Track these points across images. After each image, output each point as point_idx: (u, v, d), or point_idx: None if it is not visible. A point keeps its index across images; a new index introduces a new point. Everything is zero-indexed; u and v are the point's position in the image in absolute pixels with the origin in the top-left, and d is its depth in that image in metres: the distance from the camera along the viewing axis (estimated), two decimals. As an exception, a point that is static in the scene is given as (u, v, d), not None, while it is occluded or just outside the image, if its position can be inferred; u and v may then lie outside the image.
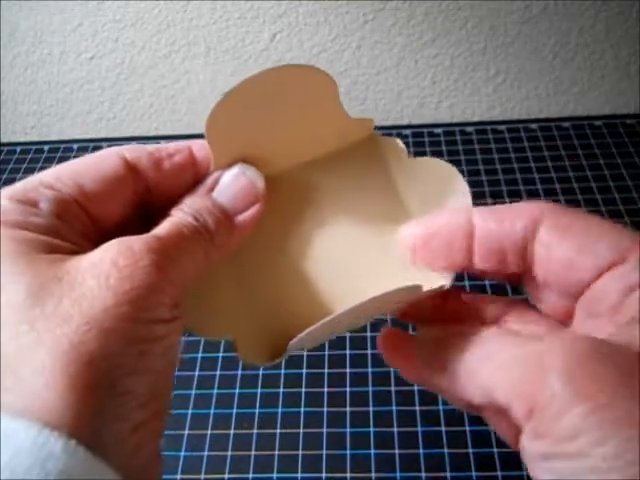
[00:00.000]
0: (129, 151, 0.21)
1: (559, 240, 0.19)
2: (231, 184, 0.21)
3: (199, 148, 0.22)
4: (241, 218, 0.21)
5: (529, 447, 0.17)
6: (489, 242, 0.20)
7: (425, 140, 0.64)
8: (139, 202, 0.21)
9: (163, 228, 0.19)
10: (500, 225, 0.20)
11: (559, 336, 0.19)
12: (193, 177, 0.22)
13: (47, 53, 0.67)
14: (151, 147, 0.22)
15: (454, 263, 0.21)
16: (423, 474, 0.40)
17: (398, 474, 0.40)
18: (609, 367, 0.16)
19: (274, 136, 0.23)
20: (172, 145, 0.22)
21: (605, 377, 0.15)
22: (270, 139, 0.23)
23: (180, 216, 0.20)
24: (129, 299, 0.16)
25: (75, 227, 0.19)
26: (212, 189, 0.21)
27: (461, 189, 0.23)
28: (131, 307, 0.16)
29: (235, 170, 0.22)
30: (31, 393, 0.15)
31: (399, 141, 0.25)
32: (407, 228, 0.22)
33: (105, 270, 0.16)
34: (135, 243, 0.17)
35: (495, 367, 0.18)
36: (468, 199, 0.23)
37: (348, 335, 0.48)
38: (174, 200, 0.21)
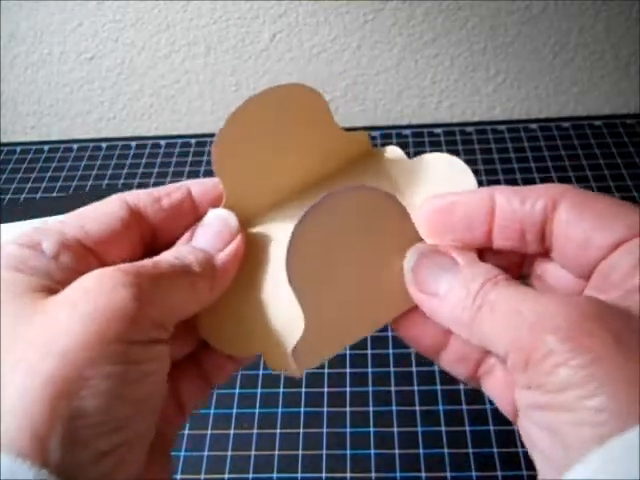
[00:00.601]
0: (130, 195, 0.22)
1: (576, 219, 0.20)
2: (205, 231, 0.22)
3: (197, 186, 0.23)
4: (222, 255, 0.22)
5: (522, 397, 0.18)
6: (510, 221, 0.21)
7: (425, 140, 0.64)
8: (145, 244, 0.22)
9: (142, 262, 0.20)
10: (522, 205, 0.20)
11: (560, 294, 0.19)
12: (194, 216, 0.23)
13: (47, 53, 0.67)
14: (150, 189, 0.23)
15: (473, 238, 0.21)
16: (423, 474, 0.40)
17: (398, 474, 0.40)
18: (606, 326, 0.16)
19: (277, 159, 0.24)
20: (171, 185, 0.23)
21: (601, 335, 0.16)
22: (273, 162, 0.24)
23: (162, 255, 0.21)
24: (94, 319, 0.16)
25: (77, 267, 0.19)
26: (190, 240, 0.22)
27: (466, 180, 0.24)
28: (96, 326, 0.16)
29: (207, 218, 0.23)
30: None
31: (395, 148, 0.26)
32: (428, 201, 0.22)
33: (76, 297, 0.17)
34: (108, 269, 0.18)
35: (497, 318, 0.18)
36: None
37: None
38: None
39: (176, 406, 0.23)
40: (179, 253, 0.21)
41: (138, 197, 0.22)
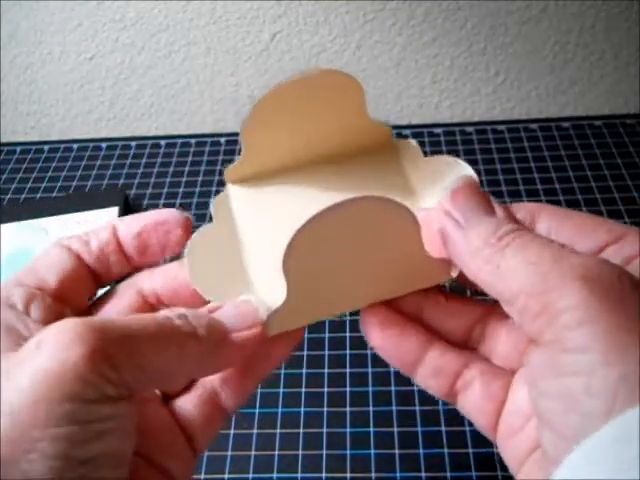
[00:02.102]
0: (65, 241, 0.22)
1: (559, 225, 0.20)
2: (232, 307, 0.21)
3: (121, 225, 0.23)
4: (238, 335, 0.20)
5: (534, 358, 0.17)
6: None
7: (425, 140, 0.64)
8: (96, 284, 0.23)
9: (126, 317, 0.19)
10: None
11: (596, 255, 0.19)
12: (119, 255, 0.23)
13: (47, 53, 0.67)
14: (79, 233, 0.23)
15: (446, 253, 0.22)
16: (423, 474, 0.40)
17: (398, 474, 0.40)
18: (636, 293, 0.15)
19: (300, 131, 0.24)
20: (98, 226, 0.23)
21: (632, 301, 0.15)
22: (296, 134, 0.24)
23: (161, 313, 0.20)
24: (43, 378, 0.16)
25: (48, 317, 0.19)
26: (211, 312, 0.21)
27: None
28: (46, 386, 0.15)
29: (239, 298, 0.22)
30: None
31: (413, 142, 0.26)
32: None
33: (27, 353, 0.16)
34: (71, 321, 0.17)
35: (522, 257, 0.18)
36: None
37: (348, 335, 0.48)
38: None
39: (184, 440, 0.22)
40: (192, 312, 0.20)
41: (71, 242, 0.22)
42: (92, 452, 0.16)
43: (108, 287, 0.24)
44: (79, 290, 0.22)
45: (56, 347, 0.16)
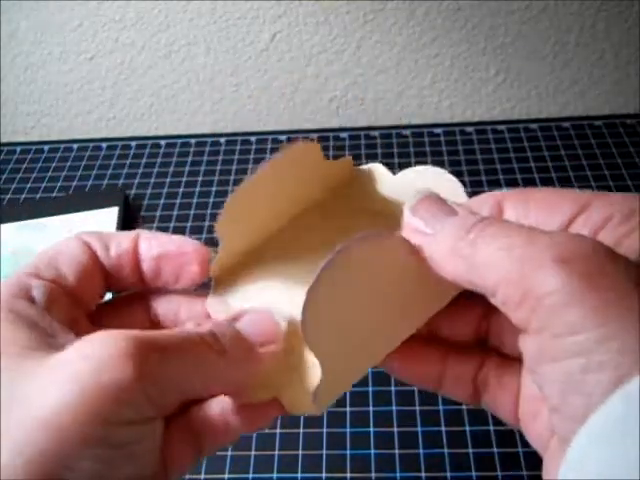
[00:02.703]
0: (86, 236, 0.22)
1: (524, 213, 0.20)
2: (255, 318, 0.21)
3: (145, 240, 0.22)
4: (261, 350, 0.20)
5: (526, 346, 0.16)
6: None
7: (425, 140, 0.64)
8: (106, 287, 0.22)
9: (160, 331, 0.19)
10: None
11: (566, 230, 0.18)
12: (134, 269, 0.22)
13: (47, 53, 0.67)
14: (101, 233, 0.22)
15: None
16: (423, 474, 0.40)
17: (398, 474, 0.40)
18: (619, 266, 0.15)
19: (275, 206, 0.24)
20: (122, 233, 0.23)
21: (615, 275, 0.15)
22: (272, 210, 0.24)
23: (187, 327, 0.20)
24: (90, 397, 0.15)
25: (66, 317, 0.19)
26: (234, 320, 0.21)
27: (456, 189, 0.24)
28: (91, 406, 0.15)
29: (262, 309, 0.22)
30: None
31: (378, 165, 0.26)
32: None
33: (73, 366, 0.16)
34: (113, 335, 0.17)
35: (494, 248, 0.17)
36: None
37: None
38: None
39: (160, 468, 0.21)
40: (217, 327, 0.20)
41: (91, 240, 0.22)
42: (128, 472, 0.16)
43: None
44: (92, 291, 0.21)
45: (104, 365, 0.16)
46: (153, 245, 0.22)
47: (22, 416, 0.15)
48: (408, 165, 0.26)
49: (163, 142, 0.68)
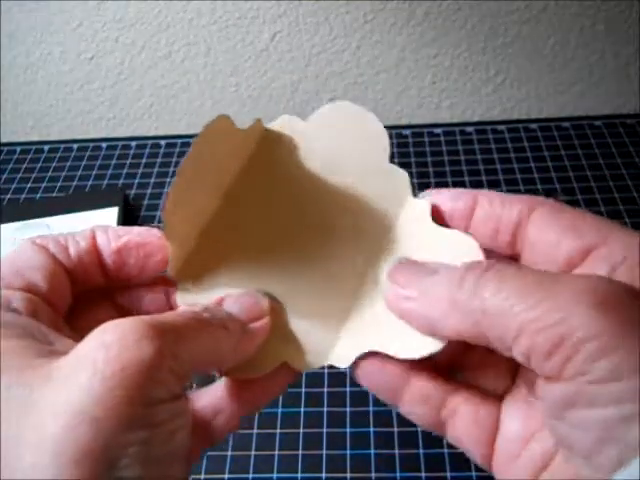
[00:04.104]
0: (40, 240, 0.21)
1: (550, 222, 0.20)
2: (237, 300, 0.21)
3: (101, 234, 0.22)
4: (252, 326, 0.21)
5: (550, 392, 0.16)
6: (486, 219, 0.21)
7: (425, 140, 0.64)
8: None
9: (166, 313, 0.19)
10: (500, 206, 0.21)
11: (582, 274, 0.18)
12: (97, 266, 0.22)
13: (47, 53, 0.67)
14: (55, 235, 0.22)
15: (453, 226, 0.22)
16: (423, 474, 0.40)
17: (398, 474, 0.40)
18: None
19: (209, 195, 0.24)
20: (76, 232, 0.22)
21: None
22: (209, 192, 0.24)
23: (188, 307, 0.20)
24: (120, 380, 0.15)
25: (47, 322, 0.19)
26: (219, 304, 0.21)
27: (371, 123, 0.24)
28: (124, 389, 0.15)
29: (239, 291, 0.22)
30: None
31: (291, 117, 0.26)
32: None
33: (93, 355, 0.15)
34: (127, 320, 0.16)
35: (507, 293, 0.16)
36: (382, 132, 0.24)
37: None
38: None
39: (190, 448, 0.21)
40: (208, 308, 0.20)
41: (47, 243, 0.21)
42: (169, 450, 0.16)
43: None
44: (63, 295, 0.21)
45: (126, 348, 0.15)
46: (111, 239, 0.22)
47: (50, 422, 0.14)
48: (408, 165, 0.26)
49: (163, 142, 0.68)
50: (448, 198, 0.22)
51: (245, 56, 0.66)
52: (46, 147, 0.69)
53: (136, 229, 0.22)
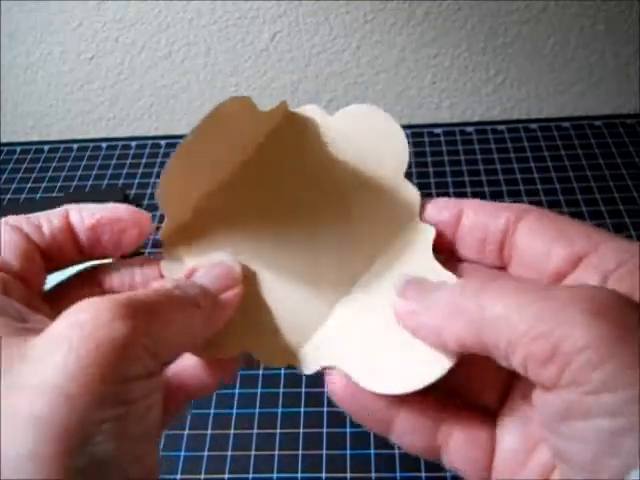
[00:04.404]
0: (13, 220, 0.21)
1: (539, 230, 0.20)
2: (208, 271, 0.22)
3: (75, 214, 0.22)
4: (223, 297, 0.21)
5: (546, 403, 0.16)
6: (473, 229, 0.21)
7: (425, 140, 0.64)
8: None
9: (137, 291, 0.19)
10: (487, 217, 0.21)
11: (578, 284, 0.18)
12: (72, 244, 0.22)
13: (47, 53, 0.67)
14: (27, 216, 0.22)
15: (440, 248, 0.22)
16: (423, 474, 0.40)
17: (398, 474, 0.40)
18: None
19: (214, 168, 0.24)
20: (50, 212, 0.22)
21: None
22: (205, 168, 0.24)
23: (160, 284, 0.20)
24: (93, 359, 0.15)
25: (20, 299, 0.19)
26: (189, 276, 0.21)
27: (397, 138, 0.24)
28: (98, 367, 0.15)
29: (211, 260, 0.22)
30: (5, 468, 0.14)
31: (314, 107, 0.25)
32: None
33: (68, 334, 0.16)
34: (101, 299, 0.16)
35: (505, 302, 0.16)
36: (405, 147, 0.24)
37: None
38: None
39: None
40: (180, 283, 0.20)
41: (20, 223, 0.21)
42: (143, 426, 0.16)
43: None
44: (36, 273, 0.21)
45: (101, 326, 0.16)
46: (84, 216, 0.22)
47: (25, 401, 0.15)
48: (408, 165, 0.26)
49: (163, 142, 0.68)
50: (432, 209, 0.22)
51: (245, 56, 0.66)
52: (46, 147, 0.69)
53: (110, 206, 0.22)
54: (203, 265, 0.22)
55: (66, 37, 0.66)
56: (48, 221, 0.22)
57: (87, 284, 0.22)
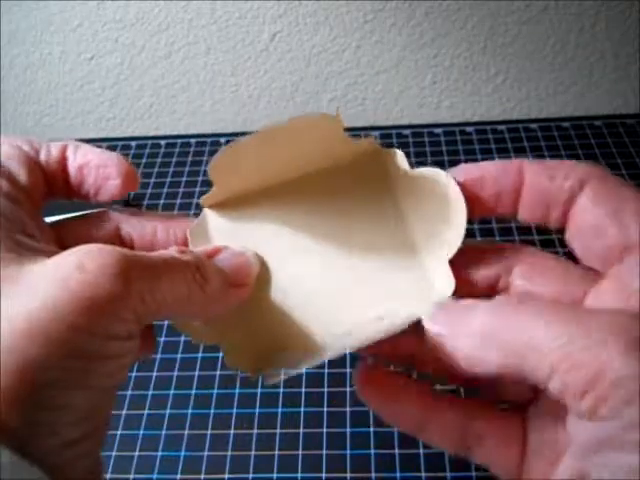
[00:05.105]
0: (14, 139, 0.21)
1: (597, 205, 0.19)
2: (233, 256, 0.22)
3: (71, 151, 0.22)
4: (232, 291, 0.21)
5: (581, 432, 0.16)
6: (537, 196, 0.20)
7: (425, 140, 0.64)
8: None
9: (148, 253, 0.18)
10: (550, 182, 0.20)
11: (628, 310, 0.17)
12: (62, 180, 0.22)
13: (47, 53, 0.67)
14: (27, 139, 0.22)
15: (500, 211, 0.21)
16: (423, 474, 0.40)
17: (398, 474, 0.40)
18: None
19: (280, 162, 0.24)
20: (51, 143, 0.22)
21: None
22: (276, 165, 0.24)
23: (173, 250, 0.20)
24: (86, 307, 0.15)
25: (27, 212, 0.19)
26: (212, 256, 0.21)
27: (458, 217, 0.23)
28: (86, 317, 0.15)
29: (238, 248, 0.22)
30: None
31: (399, 152, 0.25)
32: (457, 172, 0.22)
33: (67, 273, 0.16)
34: (107, 250, 0.17)
35: (541, 328, 0.16)
36: (461, 230, 0.22)
37: (348, 335, 0.48)
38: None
39: None
40: (197, 257, 0.20)
41: (21, 143, 0.21)
42: (109, 383, 0.16)
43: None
44: (40, 192, 0.21)
45: (100, 277, 0.16)
46: (78, 155, 0.22)
47: (2, 323, 0.15)
48: (409, 164, 0.25)
49: (163, 142, 0.68)
50: (494, 173, 0.21)
51: (245, 56, 0.66)
52: (46, 147, 0.69)
53: (101, 151, 0.22)
54: (228, 249, 0.22)
55: (66, 37, 0.66)
56: (47, 149, 0.22)
57: (105, 224, 0.22)
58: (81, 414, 0.16)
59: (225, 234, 0.23)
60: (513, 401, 0.21)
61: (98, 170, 0.22)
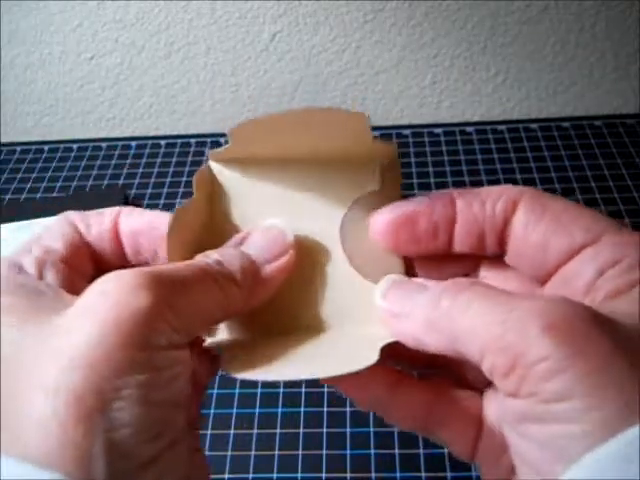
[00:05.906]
0: (70, 215, 0.22)
1: (535, 221, 0.19)
2: (261, 237, 0.22)
3: (125, 219, 0.22)
4: (269, 268, 0.21)
5: (507, 407, 0.17)
6: (471, 225, 0.20)
7: (425, 140, 0.64)
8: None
9: (169, 265, 0.19)
10: (482, 208, 0.20)
11: (551, 295, 0.18)
12: (114, 244, 0.22)
13: (47, 53, 0.67)
14: (84, 213, 0.22)
15: (437, 247, 0.21)
16: (423, 474, 0.40)
17: (398, 474, 0.40)
18: (604, 332, 0.15)
19: (295, 142, 0.23)
20: (103, 210, 0.23)
21: (600, 341, 0.15)
22: (290, 143, 0.23)
23: (198, 259, 0.20)
24: (115, 327, 0.16)
25: (60, 280, 0.19)
26: (240, 244, 0.22)
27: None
28: (118, 335, 0.16)
29: (265, 224, 0.22)
30: (25, 435, 0.15)
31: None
32: (382, 214, 0.21)
33: (94, 302, 0.16)
34: (127, 271, 0.17)
35: (473, 314, 0.17)
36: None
37: (348, 335, 0.48)
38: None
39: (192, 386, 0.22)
40: (224, 257, 0.20)
41: (75, 218, 0.22)
42: (167, 394, 0.17)
43: None
44: (84, 262, 0.21)
45: (123, 295, 0.16)
46: (130, 221, 0.22)
47: (50, 368, 0.15)
48: (408, 165, 0.25)
49: (163, 142, 0.68)
50: (428, 211, 0.21)
51: (245, 56, 0.66)
52: (46, 147, 0.69)
53: (150, 213, 0.22)
54: (255, 229, 0.22)
55: (66, 37, 0.66)
56: (99, 220, 0.22)
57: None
58: (148, 433, 0.16)
59: (229, 182, 0.24)
60: (472, 383, 0.21)
61: (150, 232, 0.22)
